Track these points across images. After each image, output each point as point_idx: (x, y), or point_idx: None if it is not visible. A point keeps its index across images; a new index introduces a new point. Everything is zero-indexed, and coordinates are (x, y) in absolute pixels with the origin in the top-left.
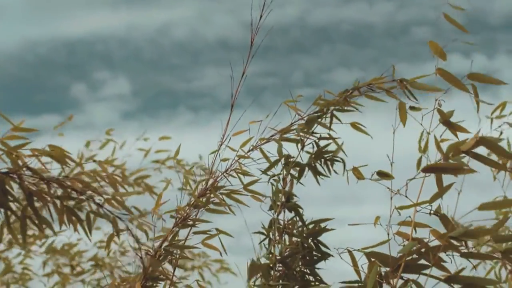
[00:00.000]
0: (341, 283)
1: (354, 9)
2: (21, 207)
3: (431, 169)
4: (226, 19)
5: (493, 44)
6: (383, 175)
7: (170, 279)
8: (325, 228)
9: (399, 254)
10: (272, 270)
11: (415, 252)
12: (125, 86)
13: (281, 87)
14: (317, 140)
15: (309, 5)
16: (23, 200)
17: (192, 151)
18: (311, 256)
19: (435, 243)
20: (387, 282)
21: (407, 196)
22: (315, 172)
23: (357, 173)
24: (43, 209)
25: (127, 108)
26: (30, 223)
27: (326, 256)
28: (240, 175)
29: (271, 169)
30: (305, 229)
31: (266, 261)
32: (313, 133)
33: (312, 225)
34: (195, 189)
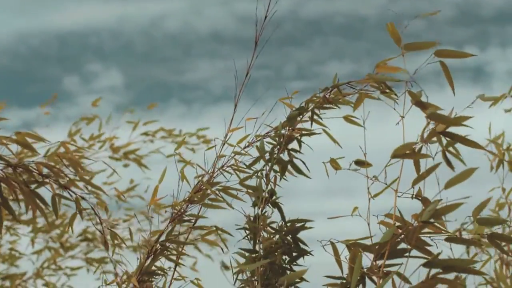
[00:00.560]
0: (326, 277)
1: (346, 1)
2: None
3: (398, 154)
4: (218, 11)
5: (485, 36)
6: (360, 163)
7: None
8: (304, 225)
9: (381, 241)
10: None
11: (398, 236)
12: (118, 78)
13: (273, 79)
14: (299, 136)
15: None
16: None
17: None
18: (290, 252)
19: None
20: (371, 273)
21: (386, 183)
22: (295, 168)
23: (335, 164)
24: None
25: (120, 100)
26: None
27: (304, 252)
28: (236, 171)
29: (254, 164)
30: (284, 226)
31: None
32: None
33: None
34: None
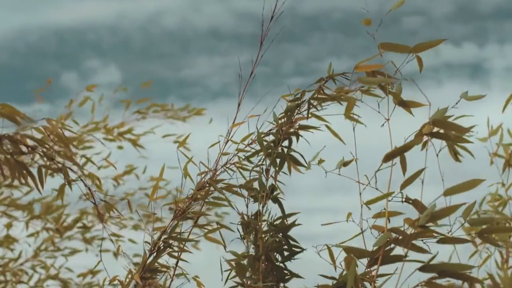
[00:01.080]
0: (320, 276)
1: None
2: None
3: (389, 156)
4: (216, 8)
5: (484, 33)
6: (347, 163)
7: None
8: (294, 223)
9: (374, 247)
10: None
11: (391, 242)
12: (116, 74)
13: (272, 76)
14: (296, 129)
15: None
16: None
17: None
18: (281, 251)
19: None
20: (365, 279)
21: (377, 188)
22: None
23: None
24: None
25: (118, 96)
26: None
27: (295, 251)
28: (239, 169)
29: (253, 156)
30: (275, 221)
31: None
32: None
33: (279, 220)
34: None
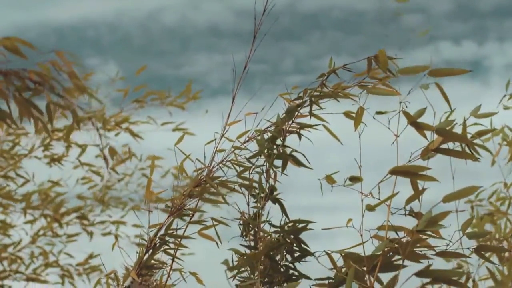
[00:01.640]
0: (316, 280)
1: None
2: None
3: (396, 171)
4: (216, 5)
5: (483, 31)
6: (354, 179)
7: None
8: (306, 226)
9: (374, 253)
10: (258, 262)
11: (390, 251)
12: (115, 72)
13: (271, 73)
14: (298, 129)
15: None
16: None
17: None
18: (292, 251)
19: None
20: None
21: (379, 198)
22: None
23: (329, 180)
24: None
25: (117, 93)
26: None
27: (306, 253)
28: (235, 165)
29: (253, 158)
30: (287, 225)
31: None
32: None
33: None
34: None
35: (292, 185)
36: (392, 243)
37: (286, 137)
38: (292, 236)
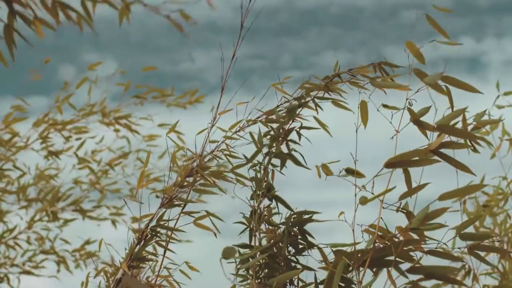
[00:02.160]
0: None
1: None
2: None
3: (392, 163)
4: (214, 1)
5: (481, 27)
6: (350, 172)
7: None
8: (311, 218)
9: (365, 248)
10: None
11: (382, 249)
12: (113, 68)
13: (269, 69)
14: (299, 128)
15: None
16: None
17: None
18: (296, 244)
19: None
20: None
21: (373, 193)
22: (294, 161)
23: (326, 170)
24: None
25: (115, 89)
26: None
27: (311, 245)
28: (228, 157)
29: (254, 158)
30: (292, 218)
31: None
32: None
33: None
34: (184, 167)
35: (289, 181)
36: (383, 240)
37: (287, 136)
38: (296, 228)
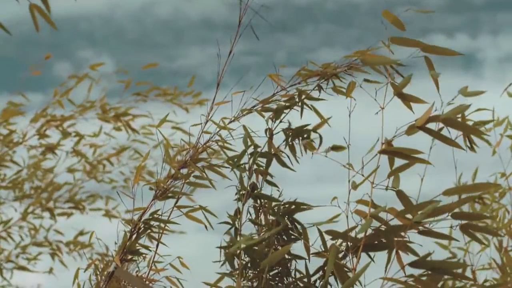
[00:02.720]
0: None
1: None
2: None
3: (386, 151)
4: None
5: (476, 24)
6: (337, 148)
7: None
8: (301, 207)
9: (358, 233)
10: (238, 258)
11: (374, 231)
12: (109, 64)
13: (264, 66)
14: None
15: None
16: None
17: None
18: (287, 234)
19: (394, 221)
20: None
21: (363, 174)
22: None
23: (309, 146)
24: None
25: (111, 86)
26: None
27: (301, 234)
28: (223, 149)
29: (240, 161)
30: (281, 208)
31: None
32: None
33: (287, 205)
34: (174, 157)
35: (283, 178)
36: (377, 220)
37: (272, 136)
38: (287, 216)
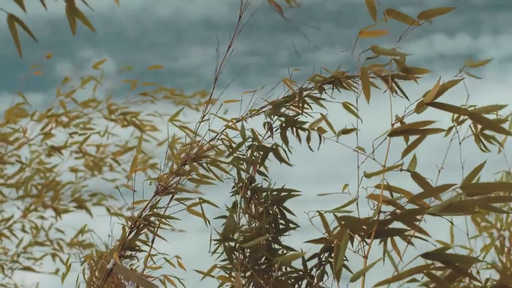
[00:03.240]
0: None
1: None
2: None
3: (396, 132)
4: None
5: (477, 23)
6: (347, 131)
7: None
8: (290, 194)
9: (371, 219)
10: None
11: (392, 218)
12: (110, 64)
13: (265, 66)
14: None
15: None
16: None
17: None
18: (276, 224)
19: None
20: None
21: (374, 158)
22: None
23: (321, 131)
24: None
25: (115, 86)
26: None
27: (291, 223)
28: (228, 147)
29: (236, 151)
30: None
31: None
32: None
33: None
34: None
35: (283, 177)
36: (390, 204)
37: (272, 131)
38: (275, 206)
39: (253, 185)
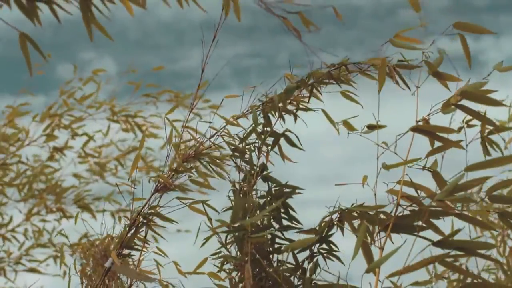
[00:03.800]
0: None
1: None
2: None
3: (418, 129)
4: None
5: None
6: (373, 127)
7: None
8: (294, 190)
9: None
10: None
11: (412, 215)
12: (111, 66)
13: (266, 68)
14: (295, 110)
15: None
16: None
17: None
18: (279, 219)
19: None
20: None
21: (396, 153)
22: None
23: (348, 126)
24: None
25: (116, 87)
26: None
27: (294, 219)
28: (229, 145)
29: (247, 138)
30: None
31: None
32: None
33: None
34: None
35: (286, 178)
36: (410, 201)
37: (282, 115)
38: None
39: (264, 173)
